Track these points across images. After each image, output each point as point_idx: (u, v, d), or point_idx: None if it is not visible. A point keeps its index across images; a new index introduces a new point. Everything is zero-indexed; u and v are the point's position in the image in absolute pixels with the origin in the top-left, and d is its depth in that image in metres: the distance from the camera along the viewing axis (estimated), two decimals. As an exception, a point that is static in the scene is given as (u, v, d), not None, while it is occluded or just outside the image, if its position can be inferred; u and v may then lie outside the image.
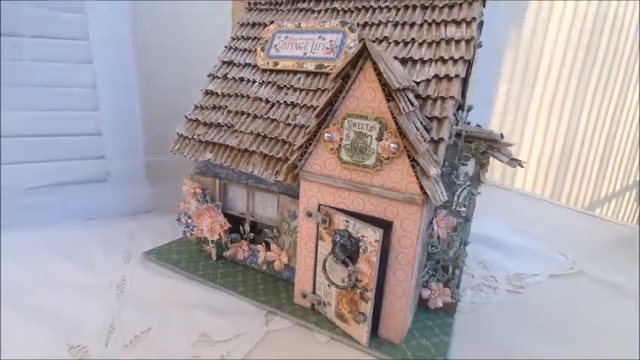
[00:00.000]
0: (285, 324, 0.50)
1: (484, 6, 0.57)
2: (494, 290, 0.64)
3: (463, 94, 0.52)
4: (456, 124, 0.51)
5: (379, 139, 0.41)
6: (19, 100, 0.68)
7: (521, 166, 0.49)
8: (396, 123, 0.40)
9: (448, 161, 0.50)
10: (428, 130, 0.44)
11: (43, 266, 0.59)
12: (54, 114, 0.72)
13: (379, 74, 0.39)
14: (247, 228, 0.61)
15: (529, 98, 1.47)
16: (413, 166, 0.40)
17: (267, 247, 0.59)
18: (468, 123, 0.67)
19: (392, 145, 0.40)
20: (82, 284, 0.55)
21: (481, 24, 0.59)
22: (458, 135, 0.49)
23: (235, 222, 0.62)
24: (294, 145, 0.48)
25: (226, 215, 0.62)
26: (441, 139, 0.44)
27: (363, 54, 0.40)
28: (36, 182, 0.71)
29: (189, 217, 0.64)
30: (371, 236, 0.42)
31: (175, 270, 0.61)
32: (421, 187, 0.40)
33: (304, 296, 0.52)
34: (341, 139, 0.44)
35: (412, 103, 0.41)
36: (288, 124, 0.53)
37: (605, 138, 1.68)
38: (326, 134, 0.44)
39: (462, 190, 0.50)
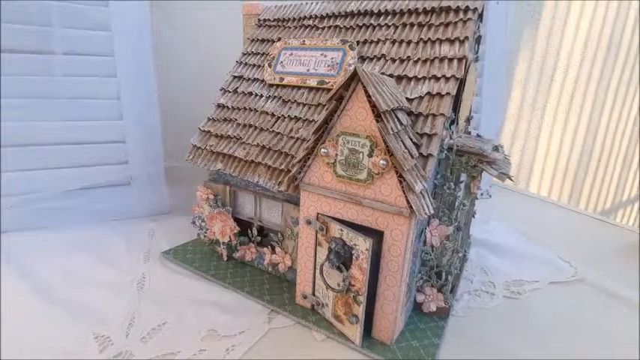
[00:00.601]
0: (286, 322, 0.55)
1: (481, 21, 0.59)
2: (491, 296, 0.65)
3: (456, 109, 0.54)
4: (450, 138, 0.54)
5: (370, 155, 0.45)
6: (51, 112, 0.75)
7: (511, 180, 0.51)
8: (385, 141, 0.43)
9: (441, 173, 0.52)
10: (418, 146, 0.47)
11: (73, 263, 0.66)
12: (83, 123, 0.79)
13: (369, 97, 0.43)
14: (255, 232, 0.65)
15: (545, 99, 1.45)
16: (400, 182, 0.43)
17: (273, 250, 0.63)
18: (469, 133, 0.69)
19: (381, 161, 0.44)
20: (107, 280, 0.62)
21: (479, 39, 0.61)
22: (450, 149, 0.52)
23: (244, 226, 0.66)
24: (296, 158, 0.52)
25: (236, 219, 0.66)
26: (430, 155, 0.46)
27: (354, 78, 0.43)
28: (66, 186, 0.78)
29: (203, 221, 0.70)
30: (362, 245, 0.46)
31: (189, 269, 0.66)
32: (408, 201, 0.43)
33: (305, 297, 0.56)
34: (336, 154, 0.47)
35: (401, 122, 0.44)
36: (291, 137, 0.57)
37: (628, 140, 1.63)
38: (322, 150, 0.48)
39: (454, 201, 0.53)
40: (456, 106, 0.54)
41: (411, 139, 0.46)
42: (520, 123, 1.46)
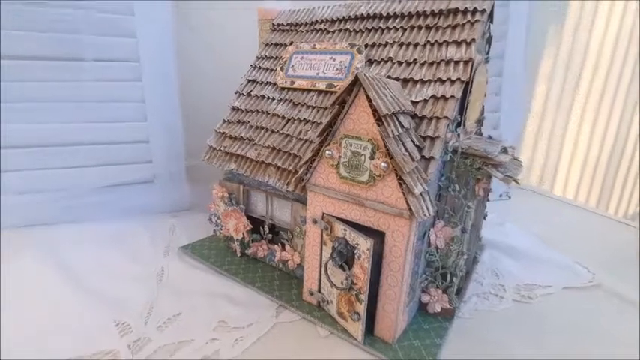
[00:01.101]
0: (292, 317, 0.57)
1: (491, 22, 0.59)
2: (500, 299, 0.65)
3: (462, 111, 0.54)
4: (457, 140, 0.54)
5: (372, 158, 0.46)
6: (82, 114, 0.81)
7: (517, 183, 0.51)
8: (385, 145, 0.44)
9: (445, 175, 0.53)
10: (421, 149, 0.48)
11: (102, 255, 0.71)
12: (111, 125, 0.85)
13: (370, 101, 0.44)
14: (266, 229, 0.68)
15: (572, 97, 1.39)
16: (400, 184, 0.44)
17: (283, 248, 0.66)
18: (480, 134, 0.69)
19: (382, 164, 0.45)
20: (130, 272, 0.66)
21: (489, 39, 0.61)
22: (455, 151, 0.52)
23: (256, 223, 0.69)
24: (302, 159, 0.54)
25: (249, 217, 0.69)
26: (432, 158, 0.47)
27: (356, 83, 0.45)
28: (97, 183, 0.84)
29: (218, 218, 0.73)
30: (363, 245, 0.47)
31: (205, 263, 0.70)
32: (408, 203, 0.44)
33: (311, 294, 0.58)
34: (340, 156, 0.49)
35: (403, 126, 0.45)
36: (300, 139, 0.59)
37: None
38: (327, 152, 0.49)
39: (459, 203, 0.53)
40: (463, 109, 0.54)
41: (414, 142, 0.47)
42: (544, 122, 1.41)
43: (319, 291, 0.58)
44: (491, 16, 0.58)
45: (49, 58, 0.77)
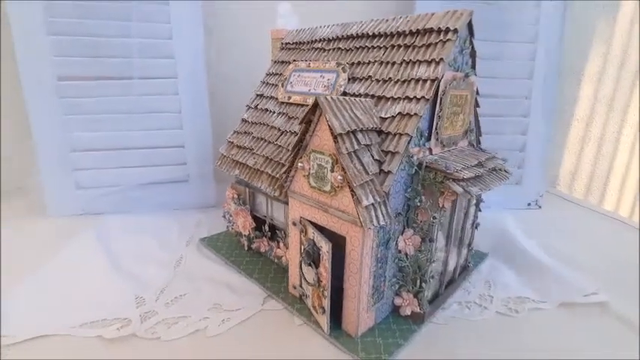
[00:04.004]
0: (276, 306, 0.65)
1: (472, 36, 0.60)
2: (483, 309, 0.66)
3: (431, 126, 0.57)
4: (430, 153, 0.57)
5: (332, 170, 0.52)
6: (130, 123, 0.97)
7: (475, 198, 0.52)
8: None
9: (412, 187, 0.56)
10: (381, 163, 0.52)
11: (137, 242, 0.86)
12: (152, 132, 1.00)
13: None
14: (267, 228, 0.77)
15: (627, 98, 1.26)
16: (353, 195, 0.49)
17: (278, 245, 0.74)
18: (473, 145, 0.70)
19: (339, 177, 0.50)
20: (156, 257, 0.80)
21: (474, 53, 0.62)
22: (420, 165, 0.55)
23: (260, 222, 0.78)
24: (283, 169, 0.61)
25: (254, 216, 0.79)
26: (390, 172, 0.51)
27: (317, 106, 0.51)
28: (140, 180, 1.01)
29: (230, 215, 0.84)
30: (324, 247, 0.53)
31: (216, 254, 0.81)
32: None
33: (294, 288, 0.66)
34: (309, 168, 0.55)
35: (359, 142, 0.50)
36: (288, 150, 0.66)
37: None
38: (299, 164, 0.56)
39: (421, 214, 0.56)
40: (432, 124, 0.56)
41: (373, 157, 0.52)
42: (591, 126, 1.29)
43: (301, 286, 0.65)
44: (471, 32, 0.59)
45: (105, 78, 0.94)
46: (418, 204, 0.56)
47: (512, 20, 1.04)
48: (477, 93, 0.67)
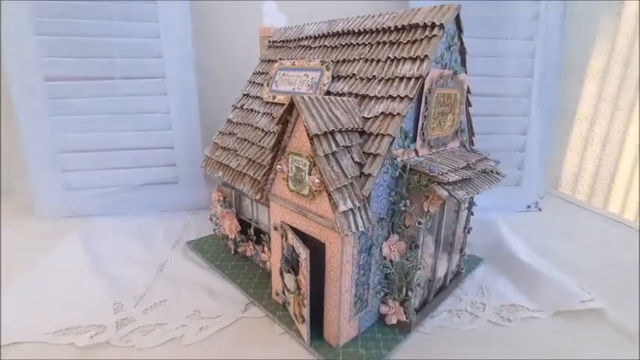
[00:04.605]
0: (258, 314, 0.62)
1: (461, 32, 0.57)
2: (474, 318, 0.63)
3: (417, 126, 0.54)
4: (410, 156, 0.54)
5: (309, 174, 0.49)
6: (118, 124, 0.96)
7: (462, 201, 0.49)
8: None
9: (396, 191, 0.54)
10: (362, 165, 0.50)
11: (123, 244, 0.84)
12: (141, 133, 0.98)
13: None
14: (252, 231, 0.75)
15: (633, 97, 1.21)
16: (330, 199, 0.47)
17: (263, 249, 0.71)
18: (464, 146, 0.67)
19: (316, 180, 0.48)
20: (140, 260, 0.78)
21: (463, 50, 0.59)
22: (404, 167, 0.52)
23: (247, 225, 0.76)
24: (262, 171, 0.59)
25: (241, 220, 0.77)
26: (370, 175, 0.49)
27: (294, 106, 0.48)
28: (130, 182, 0.99)
29: (217, 218, 0.82)
30: (302, 253, 0.51)
31: (202, 258, 0.79)
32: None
33: (277, 294, 0.63)
34: (288, 171, 0.53)
35: (338, 144, 0.48)
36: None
37: None
38: (278, 166, 0.54)
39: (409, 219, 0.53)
40: (417, 124, 0.54)
41: (353, 159, 0.49)
42: (595, 126, 1.25)
43: (283, 292, 0.62)
44: (459, 27, 0.56)
45: (93, 78, 0.93)
46: (403, 208, 0.53)
47: (510, 16, 1.00)
48: (469, 91, 0.64)
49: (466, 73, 0.61)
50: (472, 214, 0.69)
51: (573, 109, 1.25)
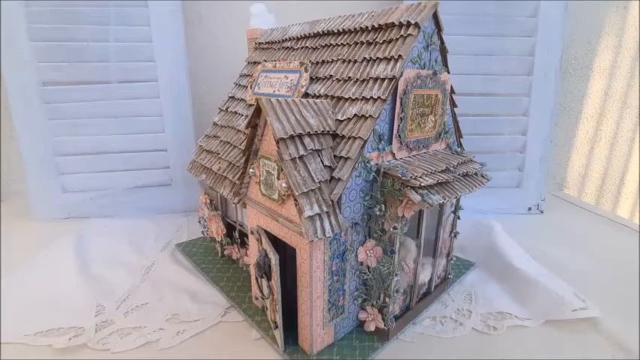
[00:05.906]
0: (237, 318, 0.62)
1: (439, 30, 0.55)
2: (458, 326, 0.61)
3: (392, 128, 0.52)
4: (384, 159, 0.53)
5: (278, 178, 0.48)
6: (112, 127, 0.97)
7: (433, 206, 0.48)
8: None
9: (370, 195, 0.52)
10: (333, 169, 0.49)
11: (114, 246, 0.85)
12: (135, 136, 1.00)
13: (271, 125, 0.46)
14: (237, 234, 0.74)
15: (643, 95, 1.16)
16: (296, 204, 0.46)
17: (246, 253, 0.71)
18: (450, 148, 0.65)
19: (283, 184, 0.47)
20: (129, 262, 0.79)
21: (444, 49, 0.57)
22: (377, 171, 0.51)
23: (233, 228, 0.76)
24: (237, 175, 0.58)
25: (227, 222, 0.76)
26: (340, 179, 0.47)
27: (260, 108, 0.47)
28: (124, 185, 1.00)
29: (205, 221, 0.82)
30: (273, 259, 0.50)
31: (189, 261, 0.79)
32: (304, 223, 0.46)
33: (256, 299, 0.63)
34: (260, 174, 0.52)
35: (306, 148, 0.47)
36: (250, 155, 0.63)
37: None
38: (250, 170, 0.53)
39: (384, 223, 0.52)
40: (392, 126, 0.52)
41: (323, 163, 0.48)
42: (601, 124, 1.20)
43: (262, 297, 0.61)
44: (438, 25, 0.54)
45: (87, 82, 0.94)
46: (378, 213, 0.52)
47: (509, 13, 0.97)
48: (453, 92, 0.62)
49: (448, 72, 0.59)
50: (459, 217, 0.66)
51: (578, 108, 1.20)
